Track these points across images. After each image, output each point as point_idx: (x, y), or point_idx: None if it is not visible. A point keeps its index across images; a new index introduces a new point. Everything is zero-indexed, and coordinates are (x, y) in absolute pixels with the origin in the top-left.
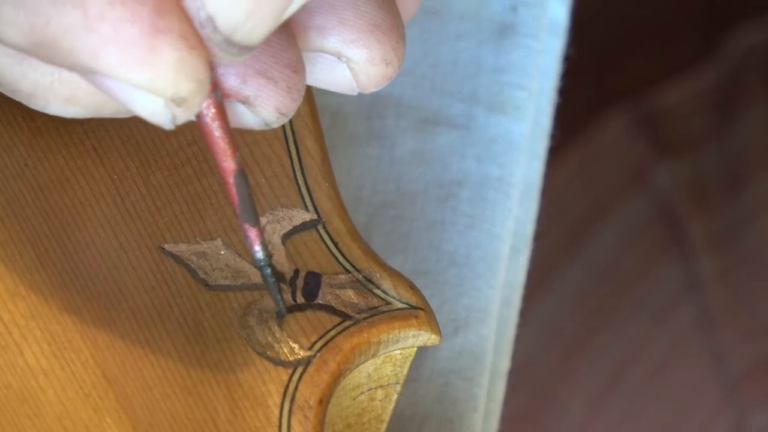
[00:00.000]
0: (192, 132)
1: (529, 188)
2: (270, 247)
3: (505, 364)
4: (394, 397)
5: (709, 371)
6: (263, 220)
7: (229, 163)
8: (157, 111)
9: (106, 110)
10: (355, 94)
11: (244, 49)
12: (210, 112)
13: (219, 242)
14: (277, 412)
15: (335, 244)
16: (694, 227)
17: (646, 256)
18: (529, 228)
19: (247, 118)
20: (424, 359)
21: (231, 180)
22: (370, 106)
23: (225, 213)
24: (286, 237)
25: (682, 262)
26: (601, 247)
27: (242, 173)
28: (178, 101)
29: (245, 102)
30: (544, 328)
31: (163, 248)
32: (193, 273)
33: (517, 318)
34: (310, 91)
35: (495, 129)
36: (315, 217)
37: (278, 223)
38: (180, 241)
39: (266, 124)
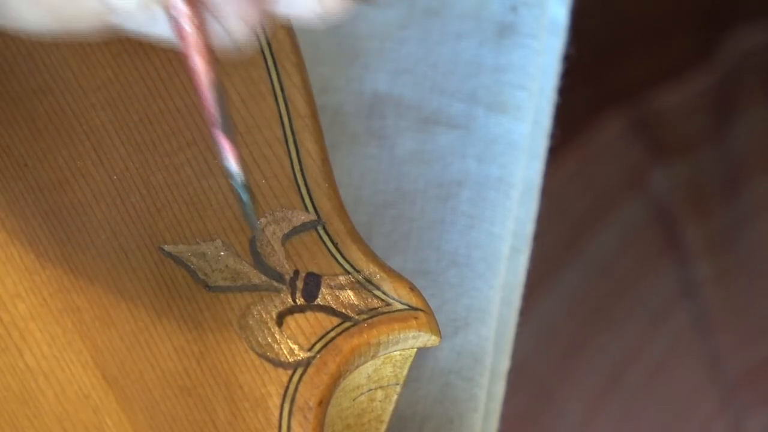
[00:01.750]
0: (191, 133)
1: (529, 188)
2: (270, 248)
3: (504, 364)
4: (394, 397)
5: (708, 372)
6: (262, 221)
7: (203, 64)
8: None
9: (70, 18)
10: (319, 20)
11: None
12: (185, 11)
13: (219, 243)
14: (277, 413)
15: (335, 245)
16: (692, 229)
17: (644, 257)
18: (529, 228)
19: (213, 31)
20: (424, 359)
21: (205, 80)
22: (370, 106)
23: (225, 214)
24: (286, 238)
25: (680, 264)
26: (599, 248)
27: (219, 82)
28: None
29: (211, 10)
30: (543, 328)
31: (163, 249)
32: (192, 274)
33: (517, 318)
34: (310, 90)
35: (495, 129)
36: (315, 217)
37: (278, 224)
38: (180, 242)
39: (233, 41)
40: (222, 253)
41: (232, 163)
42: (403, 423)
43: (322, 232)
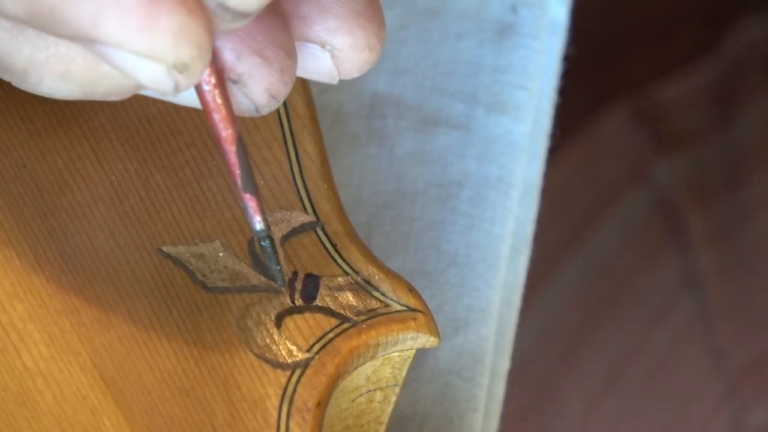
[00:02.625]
0: (190, 134)
1: (529, 188)
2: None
3: (505, 364)
4: (393, 399)
5: (709, 368)
6: None
7: (230, 131)
8: (159, 78)
9: (100, 89)
10: (336, 82)
11: (238, 15)
12: (210, 80)
13: (218, 244)
14: (275, 414)
15: (334, 246)
16: (694, 222)
17: (646, 252)
18: (529, 228)
19: (238, 100)
20: (424, 359)
21: (233, 148)
22: (370, 107)
23: (224, 215)
24: (285, 239)
25: (682, 257)
26: (600, 244)
27: (242, 141)
28: (179, 67)
29: (238, 81)
30: (543, 325)
31: (162, 250)
32: (191, 275)
33: (517, 318)
34: (309, 92)
35: (495, 129)
36: (314, 219)
37: (277, 225)
38: (179, 243)
39: (256, 109)
40: (221, 254)
41: (257, 220)
42: (403, 423)
43: (321, 233)
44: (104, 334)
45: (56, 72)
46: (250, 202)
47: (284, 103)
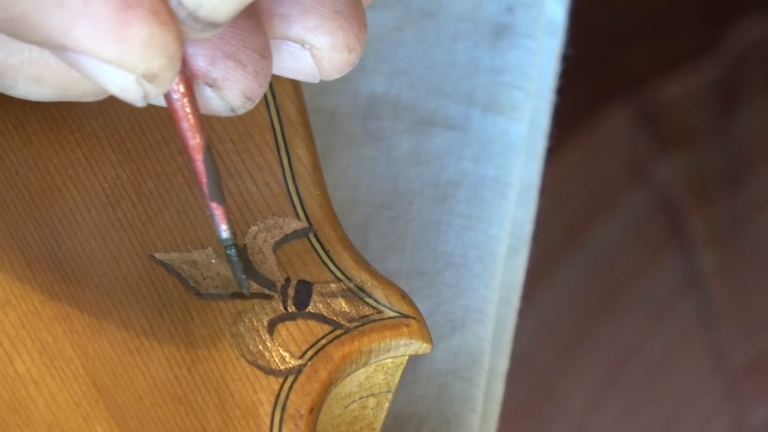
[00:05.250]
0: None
1: (526, 189)
2: (261, 256)
3: (502, 364)
4: (386, 405)
5: (710, 366)
6: (254, 228)
7: (198, 140)
8: (128, 87)
9: (74, 91)
10: (317, 81)
11: (208, 25)
12: (179, 89)
13: (210, 250)
14: (268, 421)
15: (326, 253)
16: (695, 221)
17: (647, 250)
18: (526, 228)
19: (213, 102)
20: (421, 360)
21: (200, 157)
22: (366, 108)
23: None
24: (277, 245)
25: (683, 256)
26: (601, 241)
27: (209, 150)
28: (149, 77)
29: (212, 85)
30: (543, 322)
31: (154, 257)
32: (184, 282)
33: (515, 318)
34: (301, 99)
35: (492, 130)
36: (306, 225)
37: (269, 231)
38: (171, 250)
39: (232, 110)
40: (213, 261)
41: (223, 228)
42: (400, 424)
43: (313, 239)
44: (97, 340)
45: (30, 76)
46: (216, 211)
47: (276, 110)
